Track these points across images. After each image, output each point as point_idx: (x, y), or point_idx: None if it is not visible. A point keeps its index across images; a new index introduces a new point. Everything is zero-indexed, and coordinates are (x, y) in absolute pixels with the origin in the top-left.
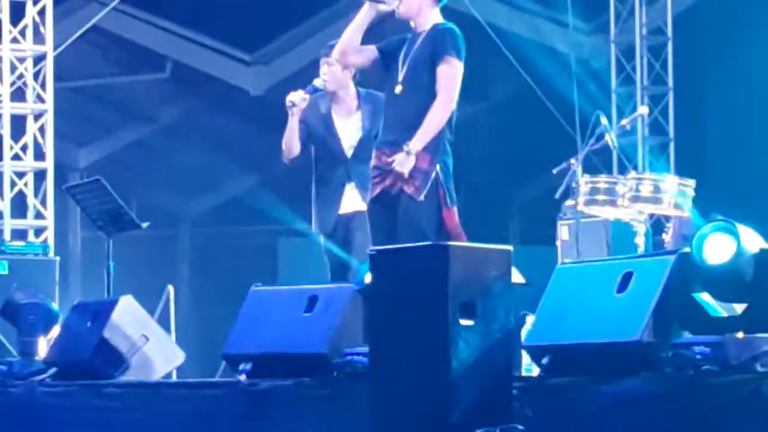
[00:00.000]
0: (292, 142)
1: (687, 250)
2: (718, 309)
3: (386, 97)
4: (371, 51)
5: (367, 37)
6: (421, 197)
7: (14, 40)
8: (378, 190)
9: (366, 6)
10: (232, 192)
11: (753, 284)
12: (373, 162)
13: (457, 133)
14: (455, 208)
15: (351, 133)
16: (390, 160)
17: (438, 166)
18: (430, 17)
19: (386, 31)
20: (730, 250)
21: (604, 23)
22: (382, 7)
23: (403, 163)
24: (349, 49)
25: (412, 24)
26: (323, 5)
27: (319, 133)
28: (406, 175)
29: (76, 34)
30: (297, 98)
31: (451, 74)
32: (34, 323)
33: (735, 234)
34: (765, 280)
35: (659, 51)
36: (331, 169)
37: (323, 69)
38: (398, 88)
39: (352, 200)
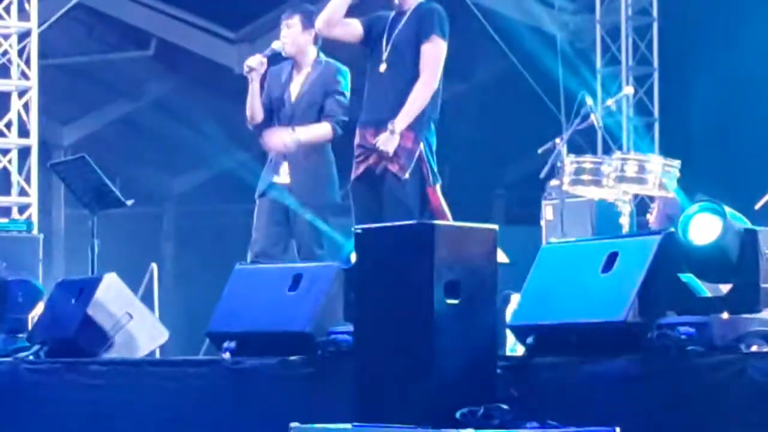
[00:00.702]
0: (253, 108)
1: (672, 230)
2: (704, 289)
3: (369, 76)
4: (356, 26)
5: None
6: (406, 175)
7: None
8: (362, 168)
9: None
10: (217, 169)
11: (738, 265)
12: (357, 141)
13: (442, 113)
14: (438, 186)
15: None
16: (374, 139)
17: (422, 144)
18: None
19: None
20: (716, 230)
21: (589, 3)
22: None
23: (387, 142)
24: (334, 20)
25: (396, 2)
26: None
27: (277, 102)
28: (391, 153)
29: (61, 11)
30: (255, 62)
31: (434, 53)
32: (22, 300)
33: (721, 214)
34: (750, 261)
35: (644, 31)
36: None
37: (283, 32)
38: (383, 67)
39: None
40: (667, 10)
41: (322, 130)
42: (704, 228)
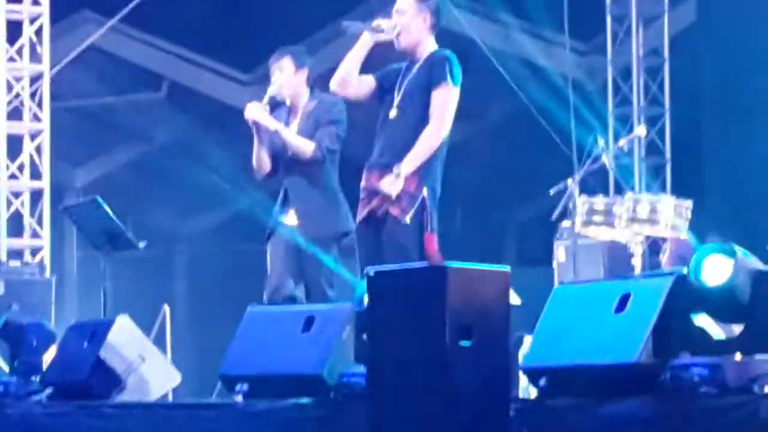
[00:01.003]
0: (260, 159)
1: (685, 271)
2: (717, 330)
3: (380, 122)
4: (370, 82)
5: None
6: (407, 219)
7: (11, 59)
8: (365, 211)
9: (365, 35)
10: (229, 211)
11: (750, 305)
12: (362, 183)
13: (454, 154)
14: (435, 236)
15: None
16: (379, 182)
17: (425, 190)
18: (427, 46)
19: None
20: (727, 271)
21: (600, 44)
22: (382, 37)
23: (391, 185)
24: (349, 79)
25: (408, 52)
26: (319, 26)
27: (278, 147)
28: (394, 196)
29: (73, 54)
30: (255, 113)
31: (445, 100)
32: (37, 344)
33: (732, 255)
34: (762, 301)
35: (656, 72)
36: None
37: (275, 76)
38: (393, 113)
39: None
40: (678, 51)
41: (302, 143)
42: (716, 269)
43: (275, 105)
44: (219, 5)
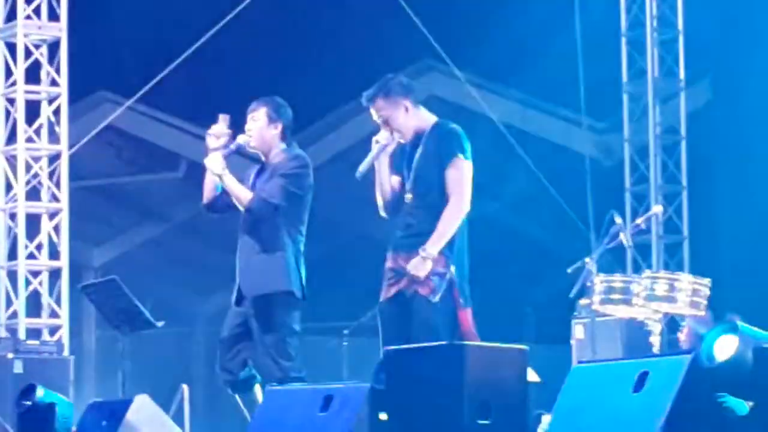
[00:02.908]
0: (206, 188)
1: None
2: (745, 407)
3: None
4: (397, 181)
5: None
6: (436, 299)
7: (29, 140)
8: (393, 291)
9: (379, 160)
10: None
11: (754, 383)
12: (389, 264)
13: (471, 232)
14: (469, 310)
15: None
16: (406, 264)
17: (453, 268)
18: (421, 119)
19: None
20: (732, 348)
21: (617, 122)
22: (391, 147)
23: (419, 266)
24: (389, 200)
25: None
26: (332, 107)
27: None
28: (422, 278)
29: (91, 134)
30: (208, 160)
31: (461, 175)
32: (66, 422)
33: (735, 332)
34: (764, 378)
35: (673, 150)
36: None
37: (248, 125)
38: (408, 197)
39: None
40: (694, 128)
41: (240, 191)
42: (723, 347)
43: (239, 147)
44: (236, 85)
